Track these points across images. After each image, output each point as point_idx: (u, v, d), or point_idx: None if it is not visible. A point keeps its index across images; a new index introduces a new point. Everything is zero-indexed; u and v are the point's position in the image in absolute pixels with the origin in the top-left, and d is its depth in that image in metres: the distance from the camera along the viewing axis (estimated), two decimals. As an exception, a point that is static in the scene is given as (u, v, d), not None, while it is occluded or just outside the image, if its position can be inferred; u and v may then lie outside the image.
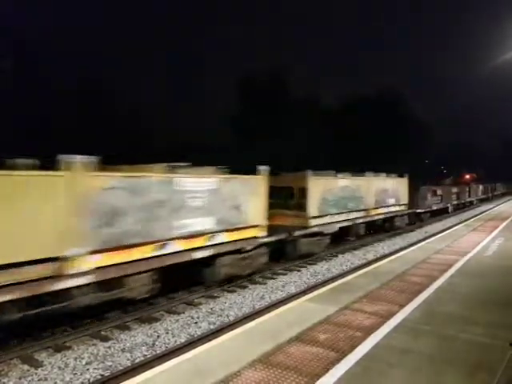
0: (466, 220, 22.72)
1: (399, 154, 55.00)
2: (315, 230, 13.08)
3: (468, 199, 35.97)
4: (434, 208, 25.10)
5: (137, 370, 5.50)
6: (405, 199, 20.47)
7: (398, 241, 17.51)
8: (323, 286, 8.44)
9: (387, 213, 18.47)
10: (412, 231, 20.39)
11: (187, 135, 44.74)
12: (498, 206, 36.22)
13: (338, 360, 4.79)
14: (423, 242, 14.24)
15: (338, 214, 14.50)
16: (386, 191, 18.44)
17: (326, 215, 13.84)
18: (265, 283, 10.60)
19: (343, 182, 15.03)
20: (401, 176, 20.42)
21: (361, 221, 16.05)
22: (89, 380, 5.73)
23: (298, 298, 7.95)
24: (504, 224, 19.13)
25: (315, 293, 7.78)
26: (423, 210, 23.00)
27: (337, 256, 14.13)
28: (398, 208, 19.72)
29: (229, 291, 9.84)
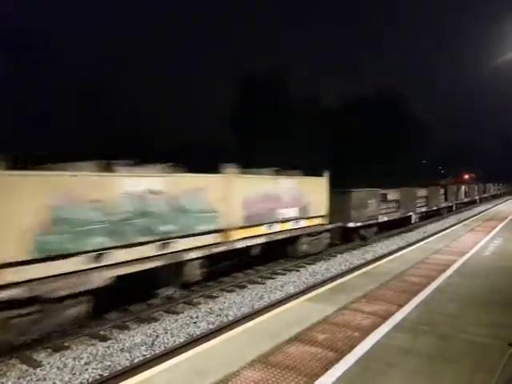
0: (464, 220, 22.75)
1: (399, 154, 55.04)
2: None
3: (444, 204, 27.82)
4: (384, 219, 17.99)
5: (136, 370, 5.50)
6: (321, 209, 13.88)
7: (397, 241, 17.53)
8: (322, 286, 8.45)
9: (281, 232, 11.88)
10: (410, 231, 20.41)
11: (187, 135, 44.84)
12: (496, 205, 36.24)
13: (336, 360, 4.80)
14: (422, 242, 14.25)
15: (112, 248, 7.30)
16: (277, 199, 11.77)
17: (54, 258, 6.49)
18: (264, 283, 10.61)
19: (138, 184, 7.86)
20: (315, 174, 14.09)
21: (198, 254, 8.89)
22: (88, 380, 5.74)
23: (296, 297, 7.96)
24: (502, 224, 19.15)
25: (314, 293, 7.78)
26: (360, 224, 15.85)
27: (335, 256, 14.13)
28: (305, 223, 13.16)
29: (228, 291, 9.86)
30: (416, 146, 59.66)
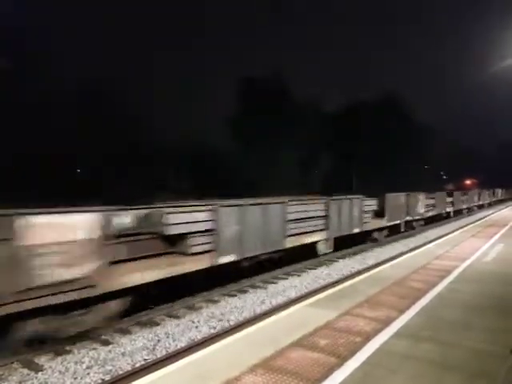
0: (465, 226, 22.72)
1: (399, 155, 54.92)
2: None
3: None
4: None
5: (137, 375, 5.51)
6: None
7: (398, 246, 17.52)
8: (324, 291, 8.44)
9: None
10: (412, 236, 20.40)
11: (187, 136, 45.01)
12: (498, 211, 36.19)
13: (338, 365, 4.80)
14: (423, 248, 14.24)
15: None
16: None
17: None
18: (265, 287, 10.61)
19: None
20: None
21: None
22: (89, 384, 5.73)
23: (298, 302, 7.95)
24: (503, 230, 19.13)
25: (316, 298, 7.78)
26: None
27: (337, 261, 14.13)
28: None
29: (229, 295, 9.86)
30: (419, 151, 59.69)
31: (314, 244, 12.81)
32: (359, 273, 11.32)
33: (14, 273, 5.60)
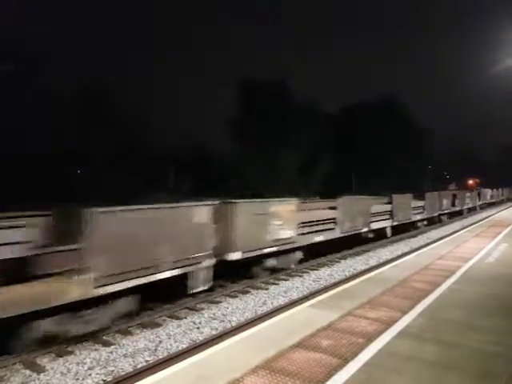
0: (468, 226, 22.64)
1: (399, 155, 54.75)
2: None
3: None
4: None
5: (139, 376, 5.49)
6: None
7: (401, 246, 17.47)
8: (326, 292, 8.41)
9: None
10: (414, 237, 20.33)
11: (186, 137, 45.07)
12: (500, 211, 36.06)
13: (340, 366, 4.78)
14: (426, 248, 14.18)
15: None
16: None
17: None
18: (267, 289, 10.59)
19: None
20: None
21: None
22: (91, 385, 5.72)
23: (300, 303, 7.93)
24: (506, 230, 19.04)
25: (317, 299, 7.75)
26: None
27: (339, 262, 14.10)
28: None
29: (231, 296, 9.84)
30: (420, 151, 59.60)
31: None
32: (361, 273, 11.28)
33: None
